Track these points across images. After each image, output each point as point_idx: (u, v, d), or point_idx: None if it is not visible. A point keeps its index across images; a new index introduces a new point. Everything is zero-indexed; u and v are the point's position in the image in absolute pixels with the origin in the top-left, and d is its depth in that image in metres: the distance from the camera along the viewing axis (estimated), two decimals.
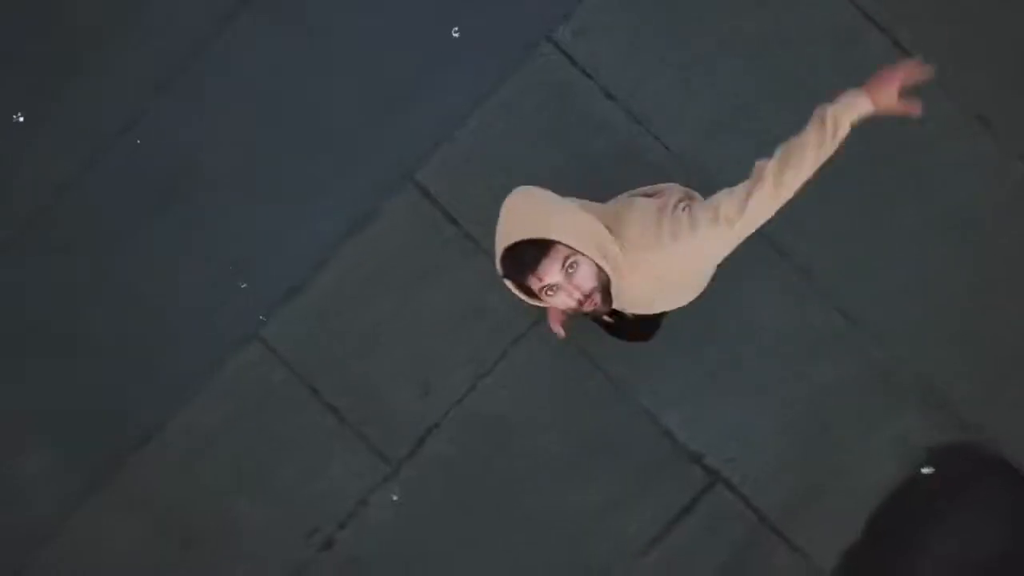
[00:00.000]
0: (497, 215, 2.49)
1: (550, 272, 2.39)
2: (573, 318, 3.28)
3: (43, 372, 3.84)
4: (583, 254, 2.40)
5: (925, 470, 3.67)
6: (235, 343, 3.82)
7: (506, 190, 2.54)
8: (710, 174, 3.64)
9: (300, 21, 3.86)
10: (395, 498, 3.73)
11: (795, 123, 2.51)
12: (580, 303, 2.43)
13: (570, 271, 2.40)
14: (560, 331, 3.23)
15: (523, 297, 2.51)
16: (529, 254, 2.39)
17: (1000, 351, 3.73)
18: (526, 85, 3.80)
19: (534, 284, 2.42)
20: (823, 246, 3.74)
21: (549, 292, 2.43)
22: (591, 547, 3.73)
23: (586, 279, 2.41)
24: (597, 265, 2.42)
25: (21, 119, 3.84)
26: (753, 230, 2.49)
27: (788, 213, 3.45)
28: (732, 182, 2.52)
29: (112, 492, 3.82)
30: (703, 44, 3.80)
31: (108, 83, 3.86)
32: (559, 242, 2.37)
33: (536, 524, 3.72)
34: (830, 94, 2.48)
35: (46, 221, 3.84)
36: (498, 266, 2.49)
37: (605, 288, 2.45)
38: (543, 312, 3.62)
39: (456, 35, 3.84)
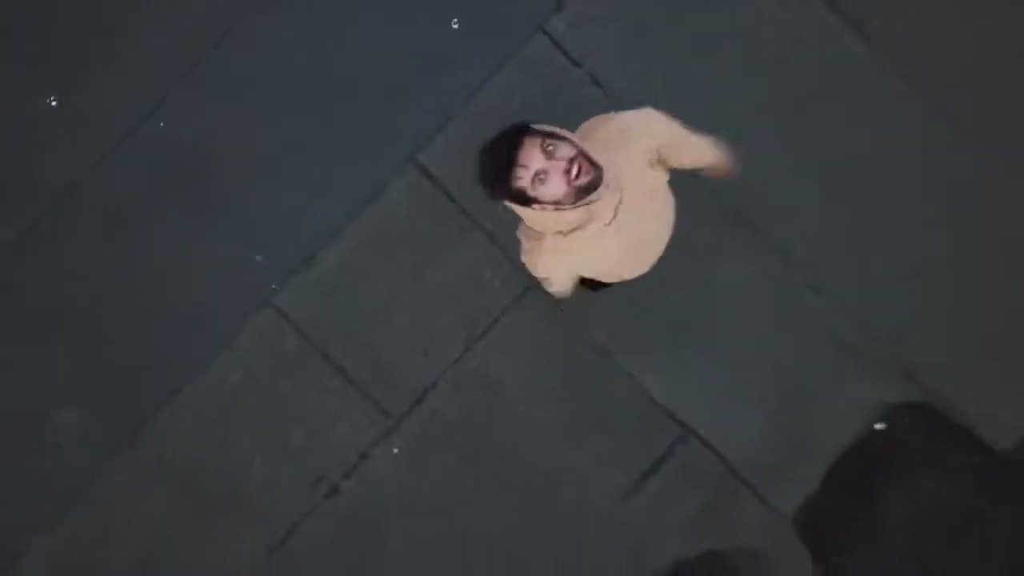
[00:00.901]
0: None
1: (532, 157, 2.52)
2: (560, 302, 3.63)
3: (75, 338, 4.19)
4: (556, 133, 2.56)
5: (878, 426, 4.04)
6: (251, 311, 4.18)
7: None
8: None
9: (307, 21, 4.20)
10: (396, 451, 4.10)
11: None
12: (570, 175, 2.53)
13: (549, 149, 2.54)
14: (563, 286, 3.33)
15: (519, 210, 2.66)
16: (507, 148, 2.53)
17: (965, 323, 4.09)
18: (521, 73, 4.15)
19: (524, 177, 2.54)
20: (794, 223, 4.10)
21: (541, 179, 2.54)
22: (575, 495, 4.09)
23: (567, 150, 2.54)
24: (570, 142, 2.57)
25: (54, 103, 4.19)
26: (668, 135, 2.89)
27: (760, 191, 3.83)
28: None
29: (137, 450, 4.17)
30: (694, 37, 4.16)
31: (135, 69, 4.21)
32: (531, 128, 2.56)
33: (525, 475, 4.08)
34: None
35: (76, 196, 4.20)
36: (485, 185, 2.62)
37: (586, 155, 2.56)
38: (535, 284, 3.98)
39: (456, 26, 4.20)
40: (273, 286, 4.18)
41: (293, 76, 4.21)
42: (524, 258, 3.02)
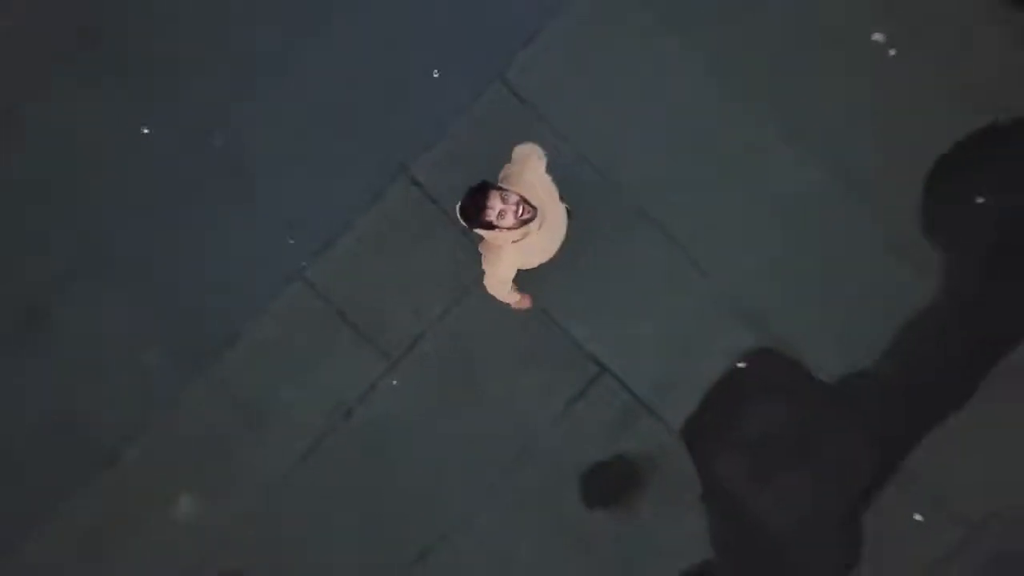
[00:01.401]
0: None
1: (494, 202, 4.16)
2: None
3: (157, 293, 5.73)
4: (505, 188, 4.21)
5: (740, 364, 5.64)
6: (284, 282, 5.71)
7: (467, 184, 4.43)
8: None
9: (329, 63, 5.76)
10: (394, 383, 5.66)
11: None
12: (517, 214, 4.16)
13: (504, 197, 4.16)
14: (527, 302, 5.16)
15: (486, 233, 4.26)
16: (480, 197, 4.18)
17: (811, 284, 5.66)
18: (485, 114, 5.71)
19: (491, 215, 4.15)
20: (681, 214, 5.68)
21: (501, 215, 4.15)
22: (521, 420, 5.65)
23: (514, 197, 4.18)
24: (515, 194, 4.20)
25: (146, 131, 5.72)
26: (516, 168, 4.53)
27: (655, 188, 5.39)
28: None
29: (200, 381, 5.71)
30: (640, 83, 5.72)
31: (189, 96, 5.74)
32: (491, 185, 4.21)
33: (486, 399, 5.64)
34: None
35: (160, 207, 5.73)
36: (463, 221, 4.24)
37: (524, 199, 4.23)
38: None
39: (436, 76, 5.74)
40: (303, 263, 5.71)
41: (314, 103, 5.74)
42: (486, 269, 4.60)
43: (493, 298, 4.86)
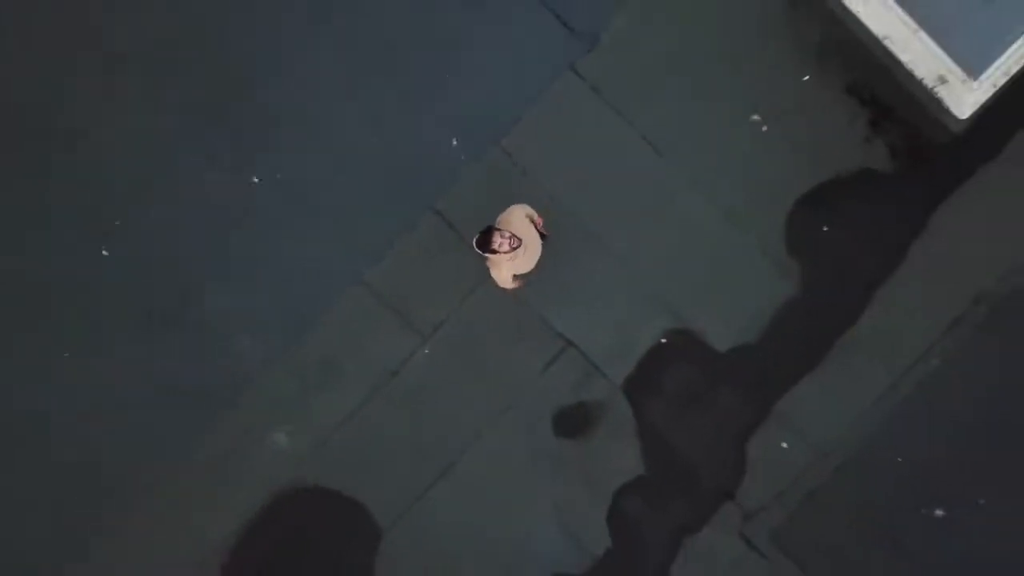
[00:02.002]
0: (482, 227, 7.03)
1: (496, 237, 6.78)
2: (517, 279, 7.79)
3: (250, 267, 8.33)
4: (501, 229, 6.86)
5: (663, 340, 8.21)
6: (344, 289, 8.31)
7: (479, 220, 7.05)
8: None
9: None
10: (426, 351, 8.26)
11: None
12: (510, 243, 6.77)
13: (502, 233, 6.78)
14: (515, 283, 7.67)
15: (490, 256, 6.94)
16: (487, 235, 6.79)
17: (710, 285, 8.26)
18: (487, 171, 8.34)
19: (494, 245, 6.79)
20: (617, 229, 8.30)
21: (500, 245, 6.78)
22: (510, 379, 8.24)
23: (508, 235, 6.77)
24: (509, 232, 6.85)
25: (256, 181, 8.34)
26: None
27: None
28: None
29: (290, 354, 8.30)
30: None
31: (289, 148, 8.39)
32: (493, 227, 6.88)
33: (490, 368, 8.23)
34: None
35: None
36: (476, 248, 6.90)
37: (514, 235, 6.83)
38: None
39: (455, 144, 8.37)
40: (363, 272, 8.31)
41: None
42: (492, 275, 7.23)
43: (497, 285, 7.46)
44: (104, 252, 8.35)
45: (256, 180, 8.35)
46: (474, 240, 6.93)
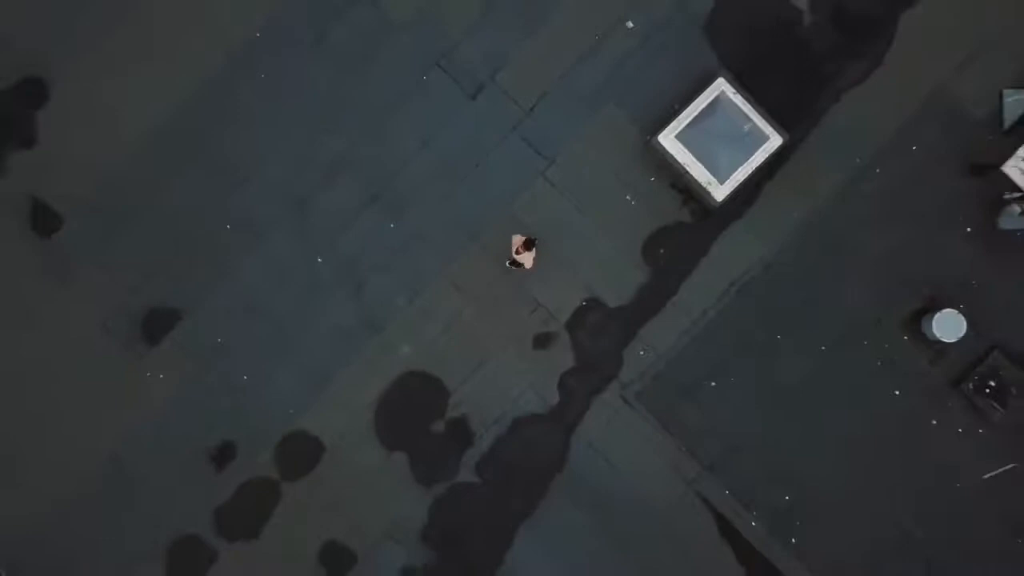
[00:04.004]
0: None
1: (524, 252, 15.53)
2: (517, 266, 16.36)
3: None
4: (517, 247, 15.72)
5: (583, 302, 17.03)
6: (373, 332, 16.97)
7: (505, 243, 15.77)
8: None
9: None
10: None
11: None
12: (528, 247, 15.50)
13: (527, 247, 15.59)
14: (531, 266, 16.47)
15: (518, 258, 15.74)
16: (517, 255, 15.57)
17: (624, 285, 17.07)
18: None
19: (520, 254, 15.63)
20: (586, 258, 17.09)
21: (523, 249, 15.59)
22: (510, 347, 17.03)
23: (529, 254, 15.60)
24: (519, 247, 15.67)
25: (320, 262, 16.97)
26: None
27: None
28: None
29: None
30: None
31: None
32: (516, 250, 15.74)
33: (495, 341, 16.95)
34: None
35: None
36: (509, 263, 15.84)
37: (529, 239, 15.62)
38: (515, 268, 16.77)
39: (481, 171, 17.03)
40: (400, 301, 16.95)
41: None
42: (524, 264, 16.00)
43: (523, 267, 16.31)
44: None
45: (320, 262, 16.99)
46: (508, 263, 15.54)
